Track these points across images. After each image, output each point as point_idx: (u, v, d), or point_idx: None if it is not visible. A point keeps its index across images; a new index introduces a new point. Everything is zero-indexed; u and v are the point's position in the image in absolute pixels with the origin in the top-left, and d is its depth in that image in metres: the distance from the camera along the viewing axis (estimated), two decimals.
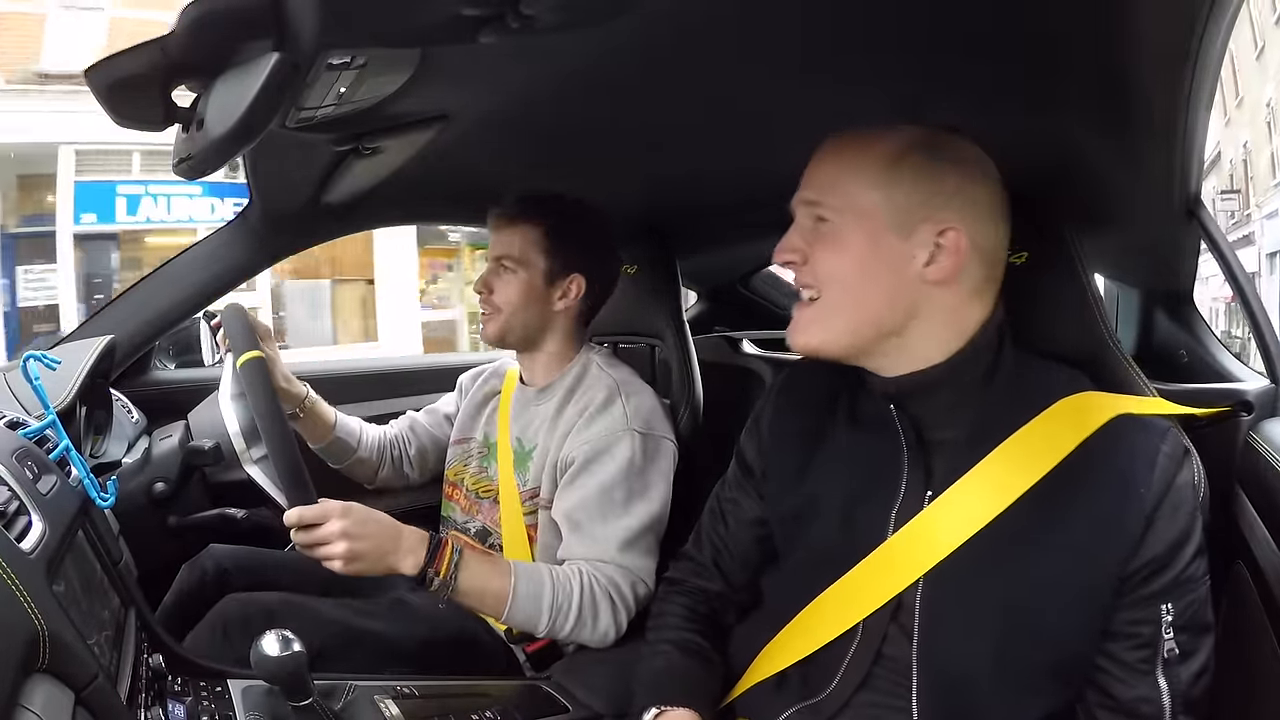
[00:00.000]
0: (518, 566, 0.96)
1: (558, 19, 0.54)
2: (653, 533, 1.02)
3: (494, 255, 1.10)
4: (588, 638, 0.97)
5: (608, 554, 0.98)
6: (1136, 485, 0.62)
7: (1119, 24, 0.61)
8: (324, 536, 0.87)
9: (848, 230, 0.68)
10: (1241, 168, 12.82)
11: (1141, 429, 0.65)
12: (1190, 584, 0.62)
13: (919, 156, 0.67)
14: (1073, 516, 0.63)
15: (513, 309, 1.09)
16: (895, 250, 0.67)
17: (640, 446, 1.02)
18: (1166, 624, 0.62)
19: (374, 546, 0.88)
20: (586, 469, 1.01)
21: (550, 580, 0.96)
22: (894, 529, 0.68)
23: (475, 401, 1.23)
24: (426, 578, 0.90)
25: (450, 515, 1.19)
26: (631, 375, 1.11)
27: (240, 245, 1.32)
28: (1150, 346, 1.12)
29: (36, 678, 0.50)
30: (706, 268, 1.92)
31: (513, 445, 1.12)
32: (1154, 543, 0.61)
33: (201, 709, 0.75)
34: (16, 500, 0.63)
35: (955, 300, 0.68)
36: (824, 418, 0.77)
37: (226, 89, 0.54)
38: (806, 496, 0.75)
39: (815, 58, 0.71)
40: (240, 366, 0.95)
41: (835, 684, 0.70)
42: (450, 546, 0.92)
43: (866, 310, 0.68)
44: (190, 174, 0.61)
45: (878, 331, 0.69)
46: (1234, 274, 0.86)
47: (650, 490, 1.02)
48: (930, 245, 0.66)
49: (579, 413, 1.05)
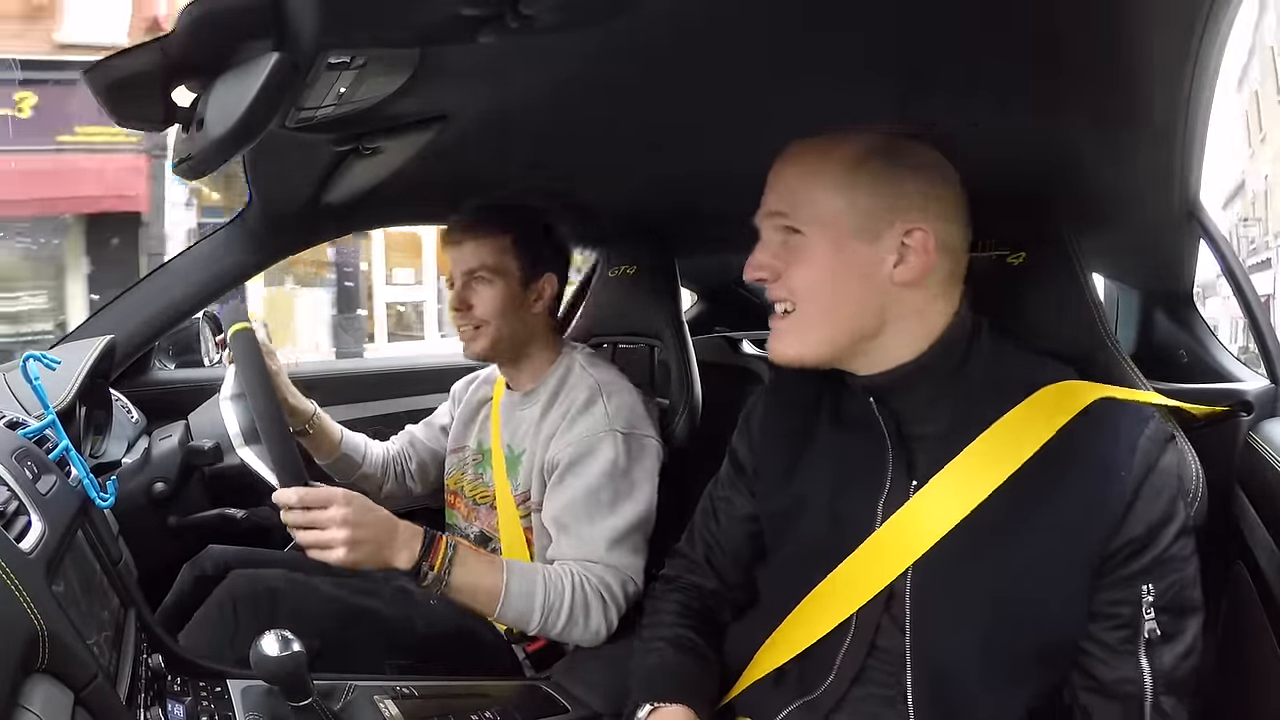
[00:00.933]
0: (510, 564, 0.96)
1: (557, 19, 0.54)
2: (640, 532, 1.02)
3: (465, 270, 1.09)
4: (579, 636, 0.97)
5: (596, 554, 0.98)
6: (1118, 468, 0.63)
7: (1119, 24, 0.61)
8: (325, 521, 0.85)
9: (815, 240, 0.68)
10: (1263, 198, 13.47)
11: (1124, 413, 0.66)
12: (1172, 564, 0.63)
13: (878, 162, 0.68)
14: (1056, 499, 0.64)
15: (498, 320, 1.08)
16: (863, 256, 0.68)
17: (623, 446, 1.02)
18: (1147, 604, 0.62)
19: (372, 536, 0.87)
20: (571, 471, 1.01)
21: (543, 579, 0.95)
22: (881, 521, 0.69)
23: (469, 409, 1.23)
24: (420, 571, 0.89)
25: (453, 523, 1.21)
26: (614, 375, 1.10)
27: (240, 245, 1.32)
28: (1150, 347, 1.12)
29: (36, 678, 0.50)
30: (706, 268, 1.92)
31: (504, 451, 1.12)
32: (1134, 523, 0.62)
33: (201, 709, 0.75)
34: (16, 500, 0.63)
35: (924, 299, 0.69)
36: (810, 417, 0.78)
37: (226, 89, 0.54)
38: (795, 494, 0.76)
39: (814, 58, 0.71)
40: (231, 337, 0.95)
41: (831, 679, 0.71)
42: (445, 542, 0.92)
43: (841, 318, 0.69)
44: (190, 174, 0.61)
45: (853, 338, 0.70)
46: (1234, 274, 0.87)
47: (635, 490, 1.02)
48: (897, 247, 0.67)
49: (561, 415, 1.05)
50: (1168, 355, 1.07)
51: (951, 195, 0.70)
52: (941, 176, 0.69)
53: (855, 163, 0.68)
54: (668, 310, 1.26)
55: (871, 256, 0.67)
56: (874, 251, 0.67)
